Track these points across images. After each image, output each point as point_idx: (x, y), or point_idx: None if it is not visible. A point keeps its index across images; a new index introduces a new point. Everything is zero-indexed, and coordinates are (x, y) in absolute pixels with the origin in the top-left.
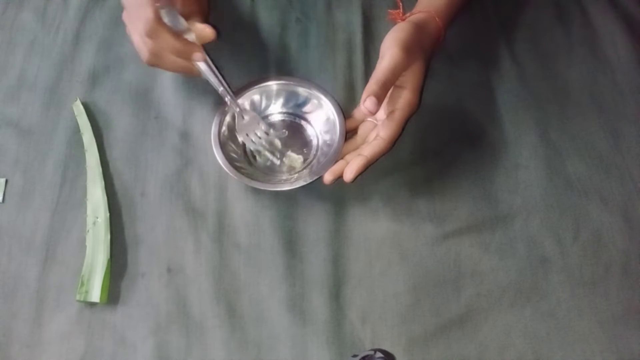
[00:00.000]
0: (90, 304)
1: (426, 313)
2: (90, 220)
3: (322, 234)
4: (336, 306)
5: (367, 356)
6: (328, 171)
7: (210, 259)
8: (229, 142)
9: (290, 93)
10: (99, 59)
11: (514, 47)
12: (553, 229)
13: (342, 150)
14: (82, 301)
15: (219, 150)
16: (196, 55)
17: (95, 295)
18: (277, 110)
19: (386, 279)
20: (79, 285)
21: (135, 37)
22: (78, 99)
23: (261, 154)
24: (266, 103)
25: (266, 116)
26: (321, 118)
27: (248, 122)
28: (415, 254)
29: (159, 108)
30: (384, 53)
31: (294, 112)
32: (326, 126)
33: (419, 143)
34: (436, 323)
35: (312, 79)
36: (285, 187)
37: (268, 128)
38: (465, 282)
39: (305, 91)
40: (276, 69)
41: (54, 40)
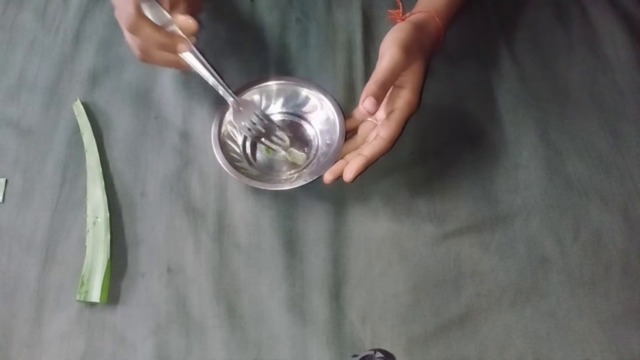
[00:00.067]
0: (90, 304)
1: (426, 313)
2: (90, 220)
3: (322, 234)
4: (336, 306)
5: (367, 356)
6: (328, 171)
7: (210, 259)
8: (229, 142)
9: (290, 93)
10: (99, 59)
11: (514, 47)
12: (553, 229)
13: (342, 150)
14: (82, 301)
15: (219, 150)
16: (180, 46)
17: (95, 295)
18: (277, 110)
19: (386, 279)
20: (79, 285)
21: (125, 35)
22: (78, 99)
23: (266, 146)
24: (266, 103)
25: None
26: (321, 118)
27: (244, 112)
28: (415, 254)
29: (159, 108)
30: (384, 53)
31: (294, 112)
32: (326, 126)
33: (419, 143)
34: (436, 323)
35: (312, 79)
36: (285, 187)
37: (264, 114)
38: (465, 282)
39: (305, 91)
40: (276, 69)
41: (54, 40)
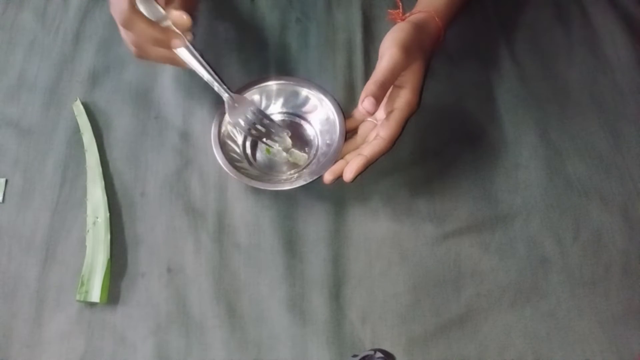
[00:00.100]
0: (90, 304)
1: (426, 313)
2: (90, 220)
3: (322, 234)
4: (336, 306)
5: (367, 356)
6: (328, 171)
7: (210, 259)
8: (229, 142)
9: (290, 93)
10: (99, 59)
11: (514, 47)
12: (553, 229)
13: (342, 150)
14: (82, 301)
15: (219, 150)
16: (174, 42)
17: (95, 295)
18: (277, 110)
19: (386, 279)
20: (79, 285)
21: (121, 31)
22: (78, 99)
23: (268, 146)
24: (266, 103)
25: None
26: (321, 118)
27: (240, 108)
28: (415, 254)
29: (159, 108)
30: (383, 53)
31: (294, 112)
32: (326, 126)
33: (419, 143)
34: (436, 323)
35: (312, 79)
36: (285, 187)
37: (259, 110)
38: (465, 282)
39: (305, 91)
40: (276, 69)
41: (54, 40)
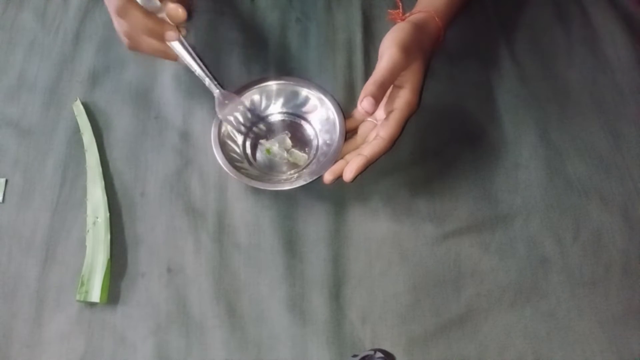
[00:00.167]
0: (90, 304)
1: (426, 313)
2: (90, 220)
3: (322, 234)
4: (336, 306)
5: (367, 356)
6: (328, 171)
7: (210, 259)
8: (229, 142)
9: (290, 93)
10: (99, 59)
11: (514, 47)
12: (553, 229)
13: (342, 150)
14: (82, 301)
15: (219, 150)
16: (168, 34)
17: (95, 295)
18: (277, 110)
19: (386, 279)
20: (79, 285)
21: (114, 21)
22: (78, 99)
23: (266, 148)
24: (266, 103)
25: (266, 116)
26: (321, 118)
27: (230, 105)
28: (415, 254)
29: (159, 108)
30: (383, 53)
31: (294, 112)
32: (326, 126)
33: (419, 143)
34: (436, 323)
35: (312, 79)
36: (285, 187)
37: (248, 109)
38: (465, 282)
39: (305, 91)
40: (276, 69)
41: (54, 40)
